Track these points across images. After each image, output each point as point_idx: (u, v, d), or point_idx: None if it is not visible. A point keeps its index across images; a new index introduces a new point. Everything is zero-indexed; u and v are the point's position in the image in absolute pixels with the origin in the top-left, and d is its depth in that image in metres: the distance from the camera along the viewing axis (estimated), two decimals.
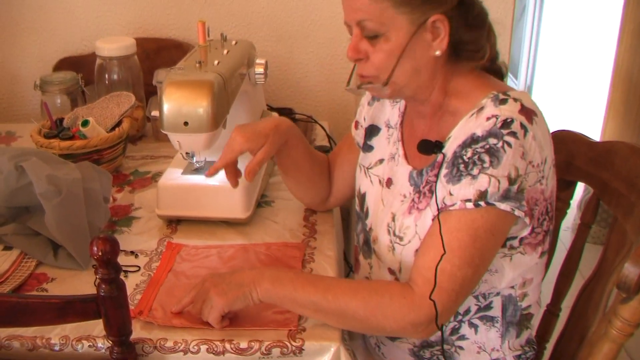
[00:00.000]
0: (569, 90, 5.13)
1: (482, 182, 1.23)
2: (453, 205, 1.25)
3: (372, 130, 1.57)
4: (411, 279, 1.29)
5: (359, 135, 1.61)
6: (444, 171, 1.29)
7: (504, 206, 1.23)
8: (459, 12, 1.30)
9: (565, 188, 1.61)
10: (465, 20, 1.31)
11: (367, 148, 1.57)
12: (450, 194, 1.26)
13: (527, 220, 1.26)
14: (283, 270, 1.39)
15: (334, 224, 1.70)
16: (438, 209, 1.28)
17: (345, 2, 1.32)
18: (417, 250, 1.34)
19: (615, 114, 3.48)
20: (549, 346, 1.66)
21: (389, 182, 1.47)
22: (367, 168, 1.55)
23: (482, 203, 1.22)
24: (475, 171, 1.23)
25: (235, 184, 1.54)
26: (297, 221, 1.70)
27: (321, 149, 2.06)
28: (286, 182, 1.71)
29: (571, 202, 1.64)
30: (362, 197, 1.55)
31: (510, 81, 5.16)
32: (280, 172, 1.68)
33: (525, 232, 1.32)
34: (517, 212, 1.24)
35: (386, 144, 1.52)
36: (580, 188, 1.60)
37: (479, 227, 1.24)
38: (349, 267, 1.83)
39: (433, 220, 1.30)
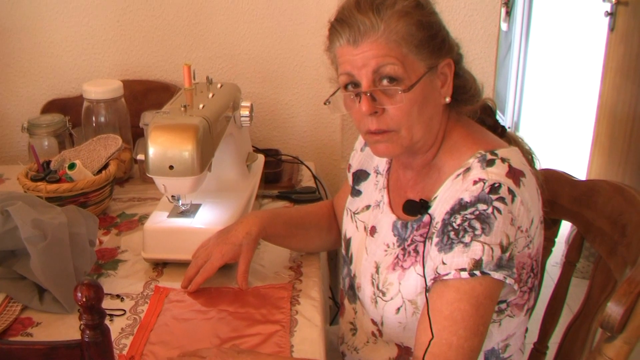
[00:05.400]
0: (555, 126, 5.17)
1: (476, 250, 1.20)
2: (447, 274, 1.22)
3: (359, 176, 1.57)
4: (416, 356, 1.25)
5: (349, 178, 1.62)
6: (434, 240, 1.26)
7: (498, 275, 1.20)
8: (457, 57, 1.31)
9: (550, 227, 1.61)
10: (460, 64, 1.32)
11: (355, 193, 1.57)
12: (444, 263, 1.23)
13: (515, 286, 1.25)
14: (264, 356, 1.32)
15: (319, 266, 1.70)
16: (426, 283, 1.25)
17: (359, 53, 1.26)
18: (399, 308, 1.34)
19: (601, 149, 3.51)
20: None
21: (373, 230, 1.46)
22: (354, 213, 1.55)
23: (477, 272, 1.20)
24: (467, 239, 1.21)
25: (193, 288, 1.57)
26: (282, 263, 1.69)
27: (307, 189, 2.07)
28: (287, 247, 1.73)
29: (556, 239, 1.65)
30: (348, 242, 1.55)
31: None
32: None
33: (512, 297, 1.31)
34: (508, 280, 1.22)
35: (373, 190, 1.52)
36: (567, 224, 1.61)
37: (479, 295, 1.21)
38: (337, 308, 1.83)
39: (427, 291, 1.27)
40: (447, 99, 1.31)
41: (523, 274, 1.27)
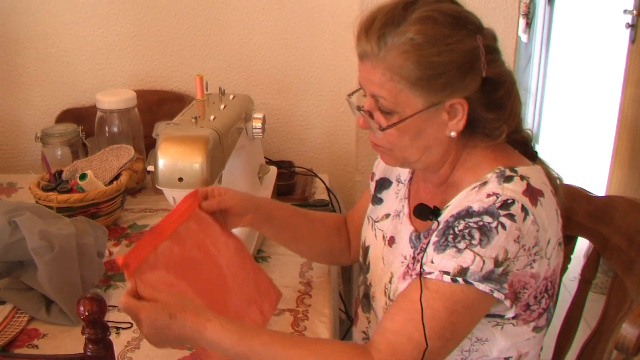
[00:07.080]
0: (575, 139, 5.14)
1: (466, 258, 1.18)
2: (431, 273, 1.21)
3: (382, 184, 1.56)
4: (373, 340, 1.23)
5: (372, 187, 1.60)
6: (433, 238, 1.25)
7: (483, 287, 1.18)
8: (482, 93, 1.25)
9: (566, 243, 1.58)
10: (487, 101, 1.26)
11: (377, 201, 1.56)
12: (432, 262, 1.22)
13: (507, 303, 1.22)
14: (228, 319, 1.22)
15: (330, 281, 1.68)
16: (421, 273, 1.23)
17: (363, 70, 1.28)
18: None
19: (621, 162, 3.47)
20: None
21: (392, 241, 1.45)
22: (375, 221, 1.53)
23: (459, 279, 1.18)
24: (462, 245, 1.19)
25: None
26: (293, 277, 1.68)
27: (320, 202, 2.06)
28: (293, 249, 1.66)
29: (572, 256, 1.62)
30: (366, 250, 1.53)
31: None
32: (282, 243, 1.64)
33: (510, 314, 1.27)
34: (496, 294, 1.20)
35: (394, 199, 1.51)
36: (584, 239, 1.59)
37: (457, 302, 1.19)
38: (349, 321, 1.80)
39: (422, 292, 1.24)
40: (453, 134, 1.27)
41: (523, 294, 1.24)
